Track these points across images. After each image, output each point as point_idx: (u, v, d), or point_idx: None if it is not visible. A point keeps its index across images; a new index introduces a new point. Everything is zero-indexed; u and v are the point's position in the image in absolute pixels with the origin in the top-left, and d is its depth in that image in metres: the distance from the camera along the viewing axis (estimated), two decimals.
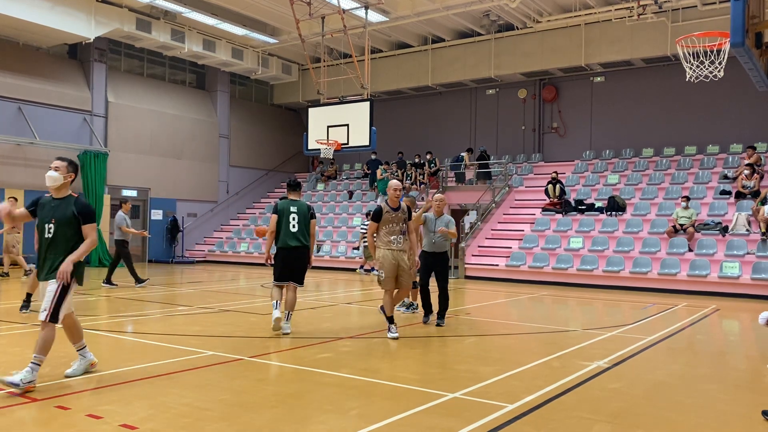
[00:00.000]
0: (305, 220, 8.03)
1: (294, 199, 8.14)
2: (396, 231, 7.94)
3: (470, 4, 18.92)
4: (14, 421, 4.34)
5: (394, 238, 7.93)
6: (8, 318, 8.96)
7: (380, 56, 23.78)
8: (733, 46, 6.77)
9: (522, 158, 22.44)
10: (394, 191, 8.00)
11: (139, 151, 21.88)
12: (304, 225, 8.02)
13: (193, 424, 4.31)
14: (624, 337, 8.22)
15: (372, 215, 8.08)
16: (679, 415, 4.83)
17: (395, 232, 7.93)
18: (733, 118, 19.19)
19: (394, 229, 7.94)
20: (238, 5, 19.64)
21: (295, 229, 7.96)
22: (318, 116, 17.63)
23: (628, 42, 19.36)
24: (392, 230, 7.94)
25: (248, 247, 22.38)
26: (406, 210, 8.11)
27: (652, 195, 17.97)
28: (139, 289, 12.85)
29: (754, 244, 14.52)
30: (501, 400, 5.00)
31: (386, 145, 23.55)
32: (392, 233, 7.93)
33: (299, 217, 7.99)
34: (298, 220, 7.98)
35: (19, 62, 19.14)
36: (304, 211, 8.05)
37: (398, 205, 8.05)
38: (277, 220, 7.98)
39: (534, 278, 16.39)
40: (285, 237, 7.95)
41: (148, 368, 5.97)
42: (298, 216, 7.99)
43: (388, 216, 7.94)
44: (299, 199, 8.21)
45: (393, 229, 7.94)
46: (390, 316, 7.94)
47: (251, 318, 9.42)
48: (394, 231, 7.93)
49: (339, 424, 4.38)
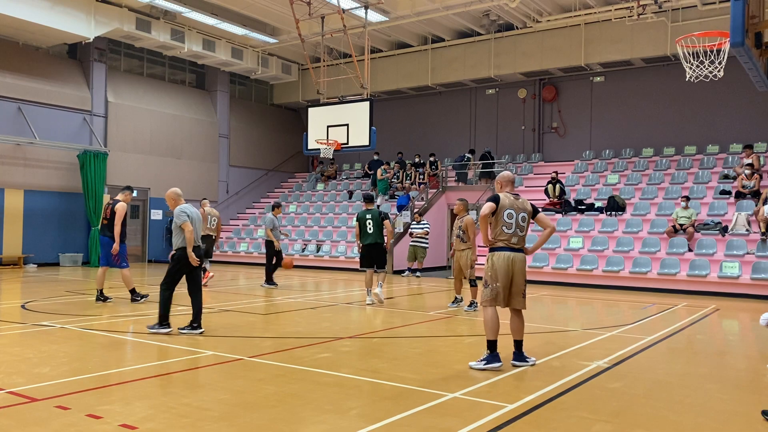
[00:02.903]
0: (378, 224, 11.01)
1: (369, 208, 11.19)
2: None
3: (470, 3, 18.92)
4: (14, 421, 4.33)
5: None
6: (8, 318, 8.96)
7: (380, 56, 23.78)
8: (732, 46, 6.77)
9: (522, 158, 22.44)
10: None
11: (138, 151, 21.88)
12: (377, 227, 11.00)
13: (193, 424, 4.31)
14: (624, 337, 8.22)
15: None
16: (679, 414, 4.83)
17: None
18: (733, 118, 19.19)
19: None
20: (238, 5, 19.64)
21: (371, 231, 11.02)
22: (318, 116, 17.63)
23: (628, 42, 19.36)
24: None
25: (248, 247, 22.38)
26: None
27: (652, 195, 17.97)
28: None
29: (754, 244, 14.52)
30: (501, 400, 5.00)
31: (386, 145, 23.55)
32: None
33: (373, 222, 11.01)
34: (373, 224, 11.01)
35: (18, 62, 19.14)
36: (377, 217, 11.05)
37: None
38: (359, 225, 11.07)
39: (534, 278, 16.35)
40: (363, 237, 11.08)
41: (148, 368, 5.97)
42: (373, 221, 11.01)
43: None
44: (372, 208, 11.22)
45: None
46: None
47: (251, 318, 9.42)
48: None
49: (339, 424, 4.38)
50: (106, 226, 10.50)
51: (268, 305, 11.05)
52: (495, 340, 6.15)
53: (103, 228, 10.58)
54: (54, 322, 8.37)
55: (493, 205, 6.21)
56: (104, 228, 10.56)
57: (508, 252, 6.21)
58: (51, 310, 9.56)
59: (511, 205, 6.25)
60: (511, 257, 6.19)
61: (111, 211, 10.45)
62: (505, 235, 6.23)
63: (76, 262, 19.56)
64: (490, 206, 6.20)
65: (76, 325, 8.27)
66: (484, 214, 6.20)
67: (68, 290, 12.77)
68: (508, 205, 6.23)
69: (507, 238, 6.23)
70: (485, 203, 6.28)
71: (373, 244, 11.01)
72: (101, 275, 10.76)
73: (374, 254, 11.06)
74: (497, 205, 6.22)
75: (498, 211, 6.22)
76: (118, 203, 10.48)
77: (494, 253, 6.26)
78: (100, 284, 10.74)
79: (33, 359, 6.23)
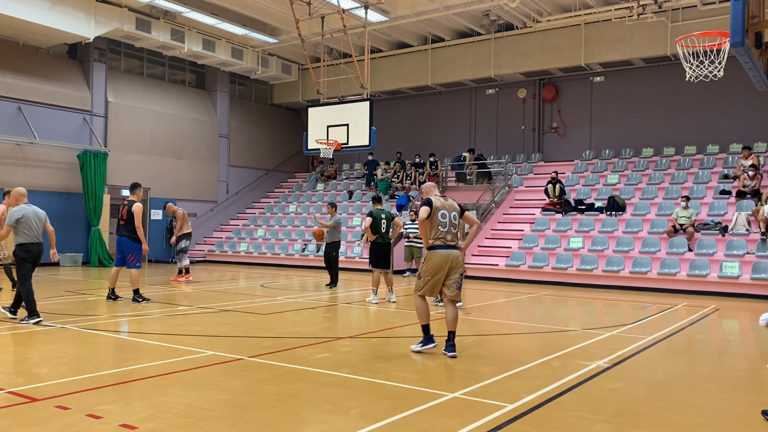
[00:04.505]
0: (389, 223, 11.76)
1: (379, 208, 11.88)
2: None
3: (470, 3, 18.92)
4: (14, 421, 4.33)
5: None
6: (8, 318, 8.96)
7: (380, 56, 23.78)
8: (732, 46, 6.76)
9: (522, 158, 22.44)
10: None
11: (138, 150, 21.87)
12: (389, 226, 11.74)
13: (193, 424, 4.31)
14: (624, 337, 8.22)
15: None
16: (679, 414, 4.83)
17: None
18: (733, 118, 19.18)
19: None
20: (238, 5, 19.63)
21: (384, 230, 11.59)
22: (318, 116, 17.62)
23: (628, 42, 19.36)
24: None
25: (248, 246, 22.38)
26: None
27: (651, 195, 17.97)
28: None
29: (754, 244, 14.52)
30: (501, 400, 5.01)
31: (386, 145, 23.53)
32: None
33: (387, 221, 11.64)
34: (386, 223, 11.62)
35: (18, 62, 19.14)
36: (389, 216, 11.77)
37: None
38: (373, 221, 11.48)
39: (534, 278, 16.39)
40: (377, 235, 11.56)
41: (148, 368, 5.97)
42: (386, 220, 11.65)
43: None
44: (382, 208, 11.99)
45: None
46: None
47: (251, 318, 9.42)
48: None
49: (339, 424, 4.38)
50: (123, 226, 10.48)
51: (268, 305, 11.05)
52: (427, 324, 6.90)
53: (120, 228, 10.55)
54: (54, 322, 8.37)
55: (428, 208, 6.75)
56: (121, 228, 10.54)
57: (446, 249, 6.77)
58: (51, 310, 9.56)
59: (443, 205, 6.82)
60: (449, 254, 6.77)
61: (128, 211, 10.42)
62: (441, 233, 6.76)
63: (76, 262, 19.55)
64: (425, 210, 6.77)
65: (76, 325, 8.27)
66: (422, 218, 6.76)
67: (68, 290, 12.77)
68: (440, 206, 6.80)
69: (443, 236, 6.77)
70: (420, 208, 6.89)
71: (385, 244, 11.59)
72: (115, 274, 10.82)
73: (386, 253, 11.53)
74: (431, 207, 6.76)
75: (432, 213, 6.75)
76: (134, 204, 10.45)
77: (434, 251, 6.80)
78: (112, 283, 10.81)
79: (33, 359, 6.23)
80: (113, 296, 10.79)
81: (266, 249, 21.83)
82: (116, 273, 10.84)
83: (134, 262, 10.56)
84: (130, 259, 10.51)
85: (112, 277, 10.86)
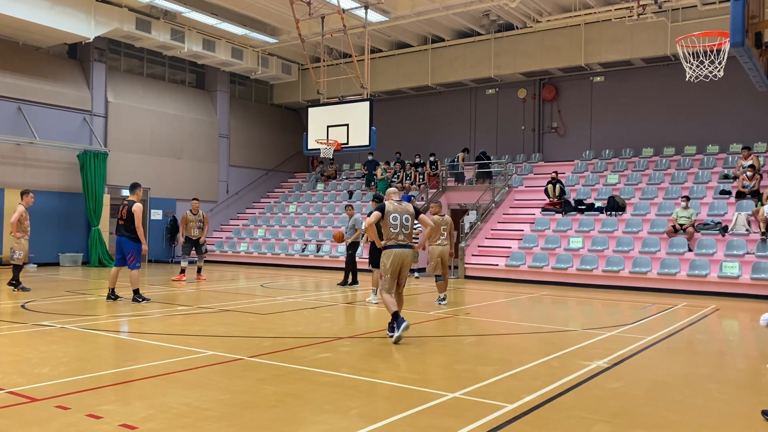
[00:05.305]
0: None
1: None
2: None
3: (470, 3, 18.92)
4: (14, 421, 4.33)
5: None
6: (8, 318, 8.96)
7: (380, 56, 23.78)
8: (732, 46, 6.77)
9: (522, 158, 22.44)
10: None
11: (138, 150, 21.88)
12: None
13: (193, 424, 4.31)
14: (624, 337, 8.22)
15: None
16: (679, 414, 4.83)
17: None
18: (733, 118, 19.19)
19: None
20: (238, 5, 19.64)
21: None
22: (318, 116, 17.62)
23: (628, 42, 19.36)
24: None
25: (248, 246, 22.38)
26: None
27: (651, 195, 17.98)
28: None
29: (754, 244, 14.52)
30: (501, 400, 5.00)
31: (386, 145, 23.52)
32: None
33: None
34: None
35: (18, 62, 19.14)
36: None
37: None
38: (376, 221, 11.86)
39: (534, 278, 16.39)
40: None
41: (148, 368, 5.97)
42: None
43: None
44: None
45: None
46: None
47: (251, 318, 9.42)
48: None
49: (339, 424, 4.38)
50: (123, 226, 10.47)
51: (268, 305, 11.05)
52: (397, 311, 7.46)
53: (120, 228, 10.54)
54: (54, 322, 8.37)
55: (378, 214, 7.58)
56: (120, 228, 10.52)
57: (398, 249, 7.54)
58: (51, 310, 9.56)
59: (395, 209, 7.59)
60: (401, 253, 7.53)
61: (128, 211, 10.41)
62: (393, 234, 7.56)
63: (76, 262, 19.55)
64: (375, 215, 7.59)
65: (76, 325, 8.27)
66: (369, 222, 7.59)
67: (68, 290, 12.77)
68: (392, 210, 7.58)
69: (395, 236, 7.57)
70: (372, 212, 7.68)
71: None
72: (114, 274, 10.82)
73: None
74: (383, 212, 7.56)
75: (384, 216, 7.55)
76: (134, 204, 10.44)
77: (388, 251, 7.55)
78: (112, 283, 10.81)
79: (33, 359, 6.23)
80: (113, 296, 10.79)
81: (266, 249, 21.84)
82: (116, 273, 10.85)
83: (134, 263, 10.55)
84: (130, 259, 10.51)
85: (112, 277, 10.86)
